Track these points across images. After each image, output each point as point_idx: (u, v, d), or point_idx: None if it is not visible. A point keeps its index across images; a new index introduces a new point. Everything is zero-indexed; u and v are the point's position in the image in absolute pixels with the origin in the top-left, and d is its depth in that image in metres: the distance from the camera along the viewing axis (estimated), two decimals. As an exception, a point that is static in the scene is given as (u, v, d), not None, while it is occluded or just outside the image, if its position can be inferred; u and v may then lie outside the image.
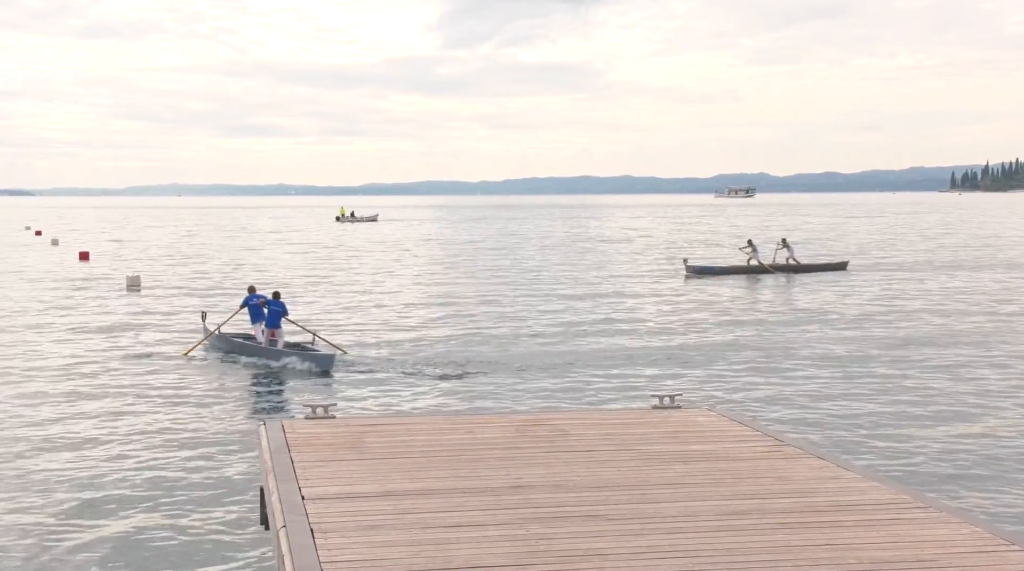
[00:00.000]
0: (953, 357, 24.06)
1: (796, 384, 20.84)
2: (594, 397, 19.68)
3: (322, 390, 20.39)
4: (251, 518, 12.28)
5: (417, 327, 29.97)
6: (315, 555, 6.75)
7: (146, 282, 43.63)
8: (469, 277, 47.08)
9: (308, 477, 8.67)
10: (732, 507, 7.88)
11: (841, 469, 9.06)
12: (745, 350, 25.21)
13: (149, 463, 15.34)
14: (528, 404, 18.93)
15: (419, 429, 10.73)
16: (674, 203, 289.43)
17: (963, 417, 17.89)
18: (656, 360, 23.72)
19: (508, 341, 26.91)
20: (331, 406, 11.44)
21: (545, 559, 6.73)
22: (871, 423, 17.45)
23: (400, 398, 19.77)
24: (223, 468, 15.04)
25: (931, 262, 54.71)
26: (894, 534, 7.28)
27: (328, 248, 71.59)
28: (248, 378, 22.40)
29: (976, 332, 28.23)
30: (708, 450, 9.73)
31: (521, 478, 8.72)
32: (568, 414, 12.57)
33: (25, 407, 19.15)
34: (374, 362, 23.63)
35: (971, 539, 7.18)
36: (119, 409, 18.99)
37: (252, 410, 18.90)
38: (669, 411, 11.55)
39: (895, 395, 19.73)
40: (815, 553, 6.88)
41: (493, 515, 7.68)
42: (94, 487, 14.08)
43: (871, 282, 43.01)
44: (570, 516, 7.65)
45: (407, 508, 7.83)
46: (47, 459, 15.52)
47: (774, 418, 17.55)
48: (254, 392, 20.75)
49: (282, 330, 24.16)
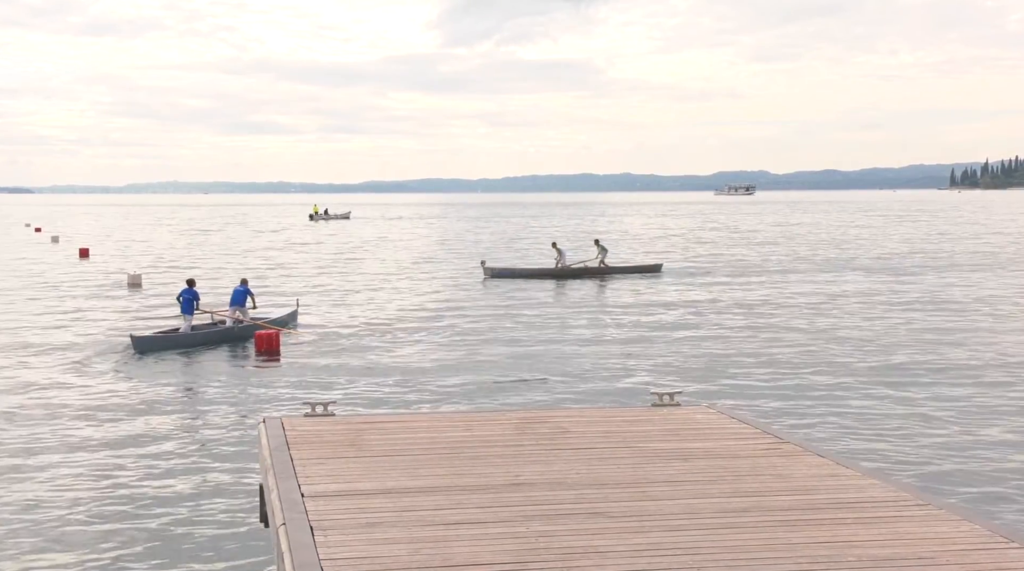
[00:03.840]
0: (953, 357, 24.06)
1: (794, 383, 20.86)
2: (591, 393, 19.68)
3: (322, 388, 20.38)
4: (251, 516, 12.28)
5: (416, 327, 29.98)
6: (315, 553, 6.74)
7: (146, 281, 43.64)
8: (464, 273, 47.11)
9: (308, 475, 8.66)
10: (732, 505, 7.88)
11: (841, 467, 9.06)
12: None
13: (148, 461, 15.34)
14: (527, 401, 18.93)
15: (419, 426, 10.73)
16: (672, 201, 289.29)
17: (963, 415, 17.88)
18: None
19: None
20: (331, 404, 11.44)
21: (545, 556, 6.73)
22: (871, 422, 17.45)
23: (400, 396, 19.76)
24: (223, 465, 15.04)
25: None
26: (894, 531, 7.28)
27: (276, 250, 69.31)
28: (248, 376, 22.41)
29: (975, 332, 28.23)
30: (708, 448, 9.73)
31: (521, 475, 8.71)
32: (568, 411, 12.57)
33: (24, 406, 19.14)
34: (369, 356, 23.65)
35: (971, 536, 7.18)
36: (118, 407, 18.98)
37: (252, 408, 18.89)
38: (669, 409, 11.55)
39: (894, 394, 19.74)
40: (815, 551, 6.87)
41: (493, 512, 7.68)
42: (92, 485, 14.08)
43: (688, 285, 41.69)
44: (570, 514, 7.65)
45: (407, 505, 7.83)
46: (46, 458, 15.51)
47: (759, 413, 17.56)
48: (254, 390, 20.75)
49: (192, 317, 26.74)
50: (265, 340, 24.79)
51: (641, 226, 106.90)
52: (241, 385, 21.28)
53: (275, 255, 62.52)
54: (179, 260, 58.51)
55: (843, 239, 76.88)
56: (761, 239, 77.94)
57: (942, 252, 61.13)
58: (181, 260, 58.47)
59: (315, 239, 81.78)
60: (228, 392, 20.47)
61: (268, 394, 20.26)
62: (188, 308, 26.64)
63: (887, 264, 51.99)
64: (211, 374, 22.51)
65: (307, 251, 66.73)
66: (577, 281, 43.14)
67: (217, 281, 43.33)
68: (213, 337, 26.56)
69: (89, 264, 55.38)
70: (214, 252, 66.27)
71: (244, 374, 22.64)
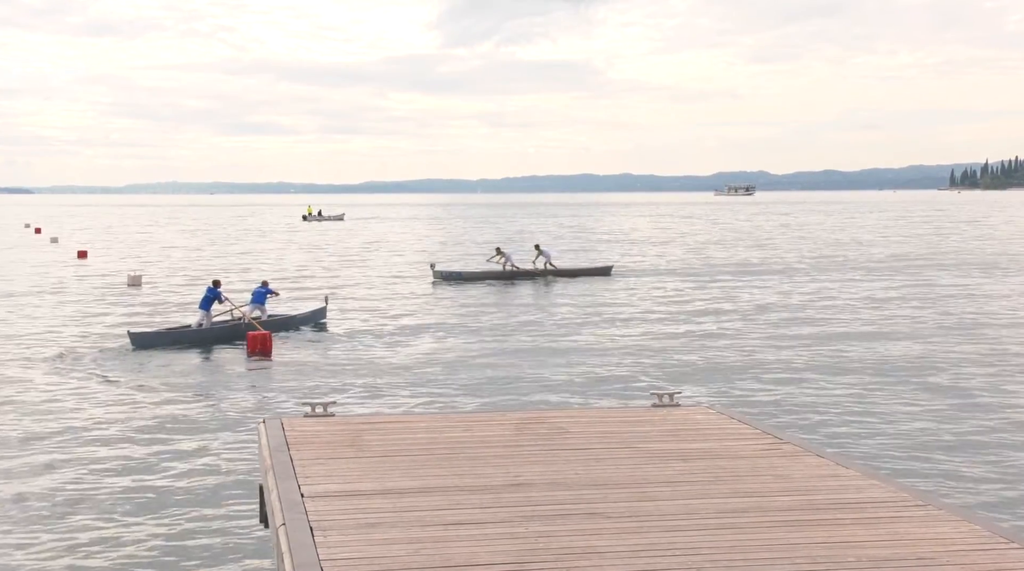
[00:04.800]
0: (953, 357, 24.05)
1: (791, 381, 20.86)
2: (593, 393, 19.68)
3: (322, 388, 20.38)
4: (250, 516, 12.27)
5: (417, 326, 29.98)
6: (314, 553, 6.75)
7: (145, 280, 43.65)
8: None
9: (307, 475, 8.66)
10: (731, 505, 7.88)
11: (840, 467, 9.06)
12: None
13: (148, 461, 15.33)
14: (526, 401, 18.92)
15: (418, 427, 10.73)
16: (671, 202, 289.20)
17: (963, 415, 17.87)
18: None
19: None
20: (330, 404, 11.44)
21: (544, 557, 6.73)
22: (871, 422, 17.45)
23: (399, 396, 19.76)
24: (222, 466, 15.03)
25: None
26: (893, 532, 7.28)
27: (261, 251, 68.55)
28: (248, 376, 22.40)
29: (975, 332, 28.24)
30: (707, 448, 9.73)
31: (520, 476, 8.71)
32: (567, 412, 12.57)
33: (23, 406, 19.13)
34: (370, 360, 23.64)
35: (970, 537, 7.18)
36: (117, 406, 18.97)
37: (252, 408, 18.88)
38: (668, 409, 11.54)
39: (894, 394, 19.73)
40: (814, 551, 6.87)
41: (492, 513, 7.68)
42: (91, 485, 14.07)
43: (640, 285, 41.34)
44: (569, 514, 7.65)
45: (406, 506, 7.83)
46: (45, 457, 15.49)
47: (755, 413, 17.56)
48: (254, 390, 20.74)
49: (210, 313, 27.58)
50: (257, 341, 24.76)
51: (630, 227, 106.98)
52: (241, 385, 21.27)
53: (266, 255, 62.51)
54: (179, 260, 58.51)
55: (843, 239, 76.94)
56: (762, 239, 78.05)
57: (942, 252, 61.15)
58: (181, 260, 58.47)
59: (309, 241, 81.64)
60: (228, 392, 20.45)
61: (268, 394, 20.25)
62: (205, 304, 27.34)
63: (887, 264, 51.98)
64: (210, 374, 22.50)
65: (303, 252, 66.80)
66: (529, 283, 42.89)
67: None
68: (223, 334, 26.84)
69: (88, 264, 55.35)
70: (211, 253, 66.27)
71: (244, 374, 22.62)
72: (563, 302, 35.79)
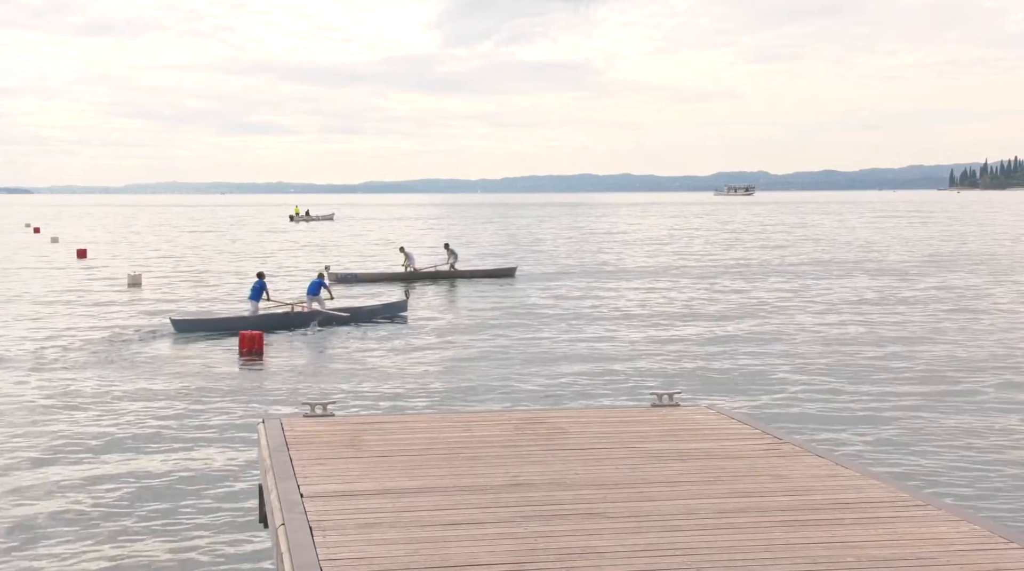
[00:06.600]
0: (953, 357, 24.06)
1: (787, 380, 20.86)
2: (592, 394, 19.68)
3: (321, 388, 20.38)
4: (250, 516, 12.27)
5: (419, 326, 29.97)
6: (314, 553, 6.75)
7: (146, 280, 43.65)
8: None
9: (307, 475, 8.66)
10: (730, 505, 7.88)
11: (839, 467, 9.06)
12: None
13: (147, 460, 15.33)
14: (526, 401, 18.92)
15: (417, 427, 10.72)
16: (671, 202, 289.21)
17: (963, 415, 17.87)
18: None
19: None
20: (330, 404, 11.44)
21: (543, 557, 6.73)
22: (870, 422, 17.45)
23: (398, 396, 19.76)
24: (221, 466, 15.03)
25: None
26: (893, 532, 7.28)
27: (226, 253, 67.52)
28: (247, 376, 22.40)
29: (975, 332, 28.24)
30: (706, 448, 9.73)
31: (519, 476, 8.71)
32: (566, 412, 12.56)
33: (22, 405, 19.13)
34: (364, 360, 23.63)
35: (970, 537, 7.18)
36: (117, 405, 18.97)
37: (251, 408, 18.88)
38: (667, 409, 11.54)
39: (893, 394, 19.73)
40: (813, 551, 6.87)
41: (491, 513, 7.68)
42: (91, 484, 14.07)
43: (542, 288, 40.93)
44: (568, 514, 7.65)
45: (405, 506, 7.83)
46: (44, 457, 15.49)
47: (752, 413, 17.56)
48: (253, 390, 20.74)
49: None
50: (248, 341, 24.76)
51: (628, 227, 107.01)
52: (241, 385, 21.27)
53: (248, 255, 62.60)
54: (178, 261, 58.51)
55: (844, 240, 76.93)
56: (745, 237, 78.07)
57: (942, 252, 61.15)
58: (180, 261, 58.47)
59: (294, 240, 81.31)
60: (227, 392, 20.45)
61: (267, 395, 20.25)
62: (255, 295, 29.48)
63: (888, 265, 51.99)
64: (210, 374, 22.48)
65: (286, 248, 66.83)
66: (431, 284, 42.76)
67: (206, 282, 43.33)
68: (274, 321, 28.65)
69: (88, 264, 55.33)
70: (206, 253, 66.26)
71: (244, 375, 22.62)
72: (563, 302, 35.79)
